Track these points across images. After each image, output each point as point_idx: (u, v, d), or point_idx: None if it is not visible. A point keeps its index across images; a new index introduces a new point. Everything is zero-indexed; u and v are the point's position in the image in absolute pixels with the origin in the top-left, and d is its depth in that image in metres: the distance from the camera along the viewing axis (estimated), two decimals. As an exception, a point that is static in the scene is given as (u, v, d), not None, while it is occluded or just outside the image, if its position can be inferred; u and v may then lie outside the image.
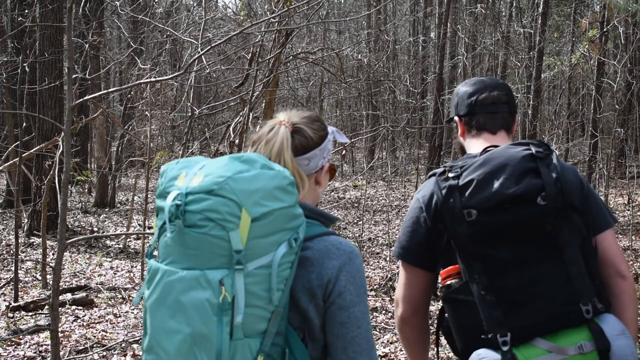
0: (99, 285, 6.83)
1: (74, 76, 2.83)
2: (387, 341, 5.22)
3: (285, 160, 1.50)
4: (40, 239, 7.94)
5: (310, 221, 1.48)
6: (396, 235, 7.60)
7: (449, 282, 1.69)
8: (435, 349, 1.92)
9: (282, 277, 1.36)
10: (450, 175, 1.68)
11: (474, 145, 1.85)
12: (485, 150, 1.75)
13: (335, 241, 1.47)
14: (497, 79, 1.98)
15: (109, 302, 6.19)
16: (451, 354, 4.46)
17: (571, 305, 1.59)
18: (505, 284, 1.61)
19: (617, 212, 10.95)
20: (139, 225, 10.54)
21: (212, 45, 3.05)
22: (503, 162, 1.63)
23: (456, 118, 1.93)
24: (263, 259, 1.34)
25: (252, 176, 1.33)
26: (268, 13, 7.09)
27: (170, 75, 3.82)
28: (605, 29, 10.59)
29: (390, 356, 4.90)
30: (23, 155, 6.79)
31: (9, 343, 4.85)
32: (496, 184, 1.61)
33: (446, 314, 1.76)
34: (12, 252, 8.05)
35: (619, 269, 1.75)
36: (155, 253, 1.44)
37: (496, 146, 1.75)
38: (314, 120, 1.58)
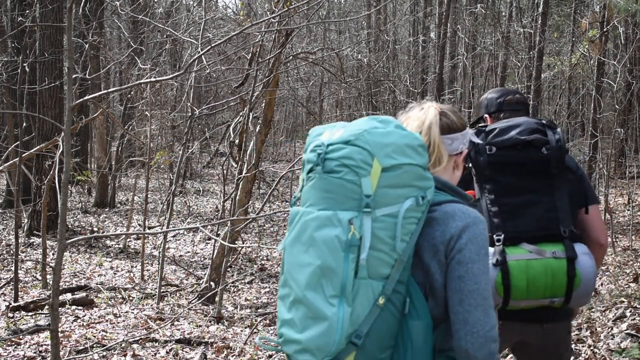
0: (99, 285, 6.83)
1: (74, 76, 2.83)
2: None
3: (433, 134, 1.70)
4: (40, 239, 7.94)
5: (443, 193, 1.63)
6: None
7: None
8: None
9: (408, 229, 1.50)
10: (481, 125, 2.28)
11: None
12: None
13: (462, 207, 1.60)
14: (516, 89, 2.49)
15: (109, 302, 6.18)
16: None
17: (553, 224, 2.11)
18: (507, 201, 2.14)
19: (617, 212, 10.95)
20: (139, 225, 10.54)
21: (212, 45, 3.05)
22: (521, 122, 2.22)
23: (486, 116, 2.49)
24: (390, 208, 1.48)
25: (386, 132, 1.51)
26: (268, 13, 7.09)
27: (170, 75, 3.82)
28: (605, 29, 10.59)
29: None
30: (23, 155, 6.79)
31: (9, 343, 4.85)
32: (514, 132, 2.18)
33: None
34: (12, 252, 8.05)
35: (598, 237, 2.28)
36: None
37: None
38: (456, 111, 1.81)
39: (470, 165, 2.21)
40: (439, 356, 1.56)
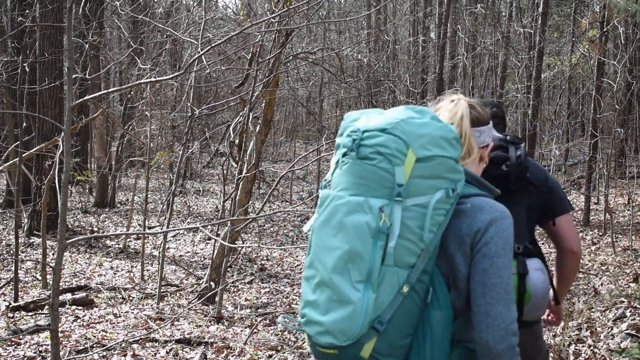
0: (99, 285, 6.83)
1: (74, 76, 2.83)
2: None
3: (464, 126, 1.72)
4: (40, 239, 7.94)
5: (471, 186, 1.66)
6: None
7: None
8: None
9: (436, 220, 1.51)
10: None
11: None
12: None
13: (490, 201, 1.62)
14: (495, 100, 2.47)
15: (109, 302, 6.18)
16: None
17: None
18: None
19: (617, 212, 10.95)
20: (139, 225, 10.54)
21: (212, 45, 3.05)
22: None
23: None
24: (421, 198, 1.50)
25: (422, 123, 1.52)
26: (268, 13, 7.09)
27: (170, 75, 3.82)
28: (605, 29, 10.59)
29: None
30: (23, 155, 6.79)
31: (9, 343, 4.85)
32: None
33: None
34: (12, 252, 8.04)
35: (571, 246, 2.35)
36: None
37: None
38: (482, 105, 1.86)
39: None
40: (456, 346, 1.58)
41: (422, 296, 1.52)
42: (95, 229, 10.29)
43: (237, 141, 6.25)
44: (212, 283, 6.10)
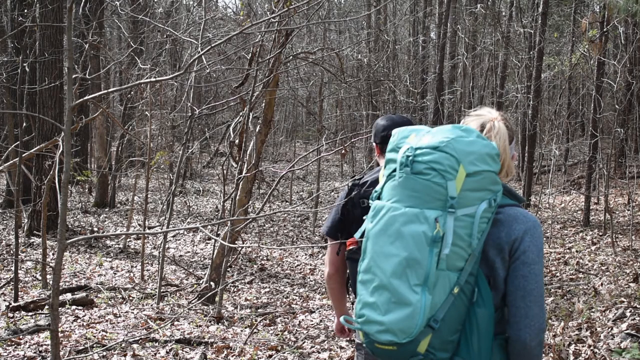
0: (99, 285, 6.83)
1: (74, 76, 2.83)
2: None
3: (507, 150, 1.88)
4: (40, 239, 7.94)
5: (504, 196, 1.82)
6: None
7: (351, 247, 2.42)
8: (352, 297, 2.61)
9: (481, 228, 1.70)
10: (357, 178, 2.56)
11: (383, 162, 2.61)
12: None
13: (523, 211, 1.82)
14: (406, 117, 2.73)
15: (109, 302, 6.18)
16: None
17: None
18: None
19: (617, 212, 10.95)
20: (139, 225, 10.54)
21: (212, 45, 3.05)
22: None
23: (374, 144, 2.72)
24: (469, 209, 1.67)
25: (470, 141, 1.70)
26: (268, 13, 7.09)
27: (170, 75, 3.82)
28: (605, 29, 10.59)
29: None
30: (23, 155, 6.79)
31: (9, 343, 4.85)
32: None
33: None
34: (12, 252, 8.05)
35: None
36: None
37: None
38: (508, 119, 1.97)
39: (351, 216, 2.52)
40: (495, 338, 1.77)
41: (469, 296, 1.71)
42: (95, 229, 10.29)
43: (237, 141, 6.25)
44: (212, 283, 6.10)
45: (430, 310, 1.64)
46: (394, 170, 1.73)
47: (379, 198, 1.80)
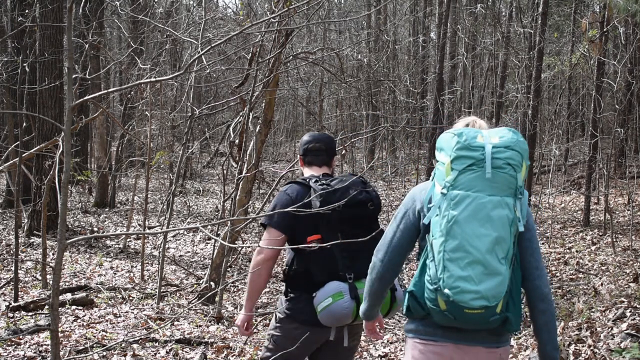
0: (99, 285, 6.82)
1: (74, 76, 2.83)
2: (387, 341, 5.22)
3: None
4: (40, 239, 7.94)
5: None
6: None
7: (311, 242, 2.74)
8: (285, 285, 2.90)
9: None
10: (321, 183, 2.85)
11: (307, 172, 3.07)
12: (325, 175, 3.00)
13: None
14: (326, 135, 3.20)
15: (109, 302, 6.18)
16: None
17: None
18: (351, 247, 2.64)
19: (617, 212, 10.95)
20: (139, 225, 10.54)
21: (212, 45, 3.05)
22: (353, 182, 2.85)
23: (299, 156, 3.14)
24: (524, 194, 2.15)
25: (523, 141, 2.16)
26: (268, 13, 7.08)
27: (170, 75, 3.82)
28: (605, 29, 10.58)
29: (390, 356, 4.90)
30: (23, 155, 6.79)
31: (9, 343, 4.85)
32: (351, 193, 2.80)
33: (295, 263, 2.84)
34: (12, 252, 8.04)
35: None
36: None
37: (327, 174, 3.02)
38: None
39: (318, 217, 2.76)
40: None
41: (514, 263, 2.16)
42: (95, 229, 10.29)
43: (237, 141, 6.25)
44: (212, 283, 6.09)
45: (509, 278, 2.09)
46: (470, 165, 2.09)
47: (450, 189, 2.12)
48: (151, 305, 6.16)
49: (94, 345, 4.82)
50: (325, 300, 2.69)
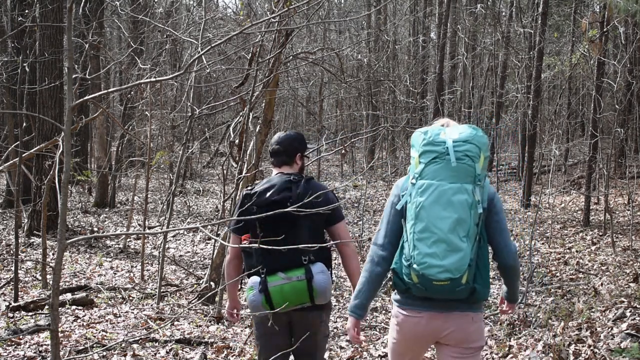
0: (99, 285, 6.82)
1: (74, 76, 2.83)
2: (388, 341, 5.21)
3: None
4: (40, 239, 7.94)
5: None
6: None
7: (245, 241, 3.09)
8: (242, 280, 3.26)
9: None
10: (249, 188, 3.18)
11: (273, 172, 3.25)
12: (281, 174, 3.17)
13: (488, 180, 2.61)
14: (290, 135, 3.28)
15: (109, 302, 6.18)
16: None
17: (297, 257, 2.99)
18: (269, 244, 2.70)
19: (617, 212, 10.95)
20: (139, 225, 10.54)
21: (212, 45, 3.05)
22: (274, 183, 3.09)
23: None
24: (483, 181, 2.48)
25: (482, 135, 2.50)
26: (268, 13, 7.08)
27: (170, 75, 3.82)
28: (605, 29, 10.58)
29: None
30: (23, 155, 6.79)
31: (9, 343, 4.85)
32: (268, 194, 3.05)
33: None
34: (12, 252, 8.04)
35: (343, 243, 3.15)
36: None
37: (283, 173, 3.18)
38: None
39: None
40: None
41: (479, 241, 2.48)
42: (95, 229, 10.29)
43: (237, 141, 6.25)
44: (212, 283, 6.09)
45: (471, 253, 2.40)
46: (434, 158, 2.43)
47: (418, 179, 2.46)
48: (151, 305, 6.16)
49: (94, 345, 4.82)
50: (246, 293, 3.08)
